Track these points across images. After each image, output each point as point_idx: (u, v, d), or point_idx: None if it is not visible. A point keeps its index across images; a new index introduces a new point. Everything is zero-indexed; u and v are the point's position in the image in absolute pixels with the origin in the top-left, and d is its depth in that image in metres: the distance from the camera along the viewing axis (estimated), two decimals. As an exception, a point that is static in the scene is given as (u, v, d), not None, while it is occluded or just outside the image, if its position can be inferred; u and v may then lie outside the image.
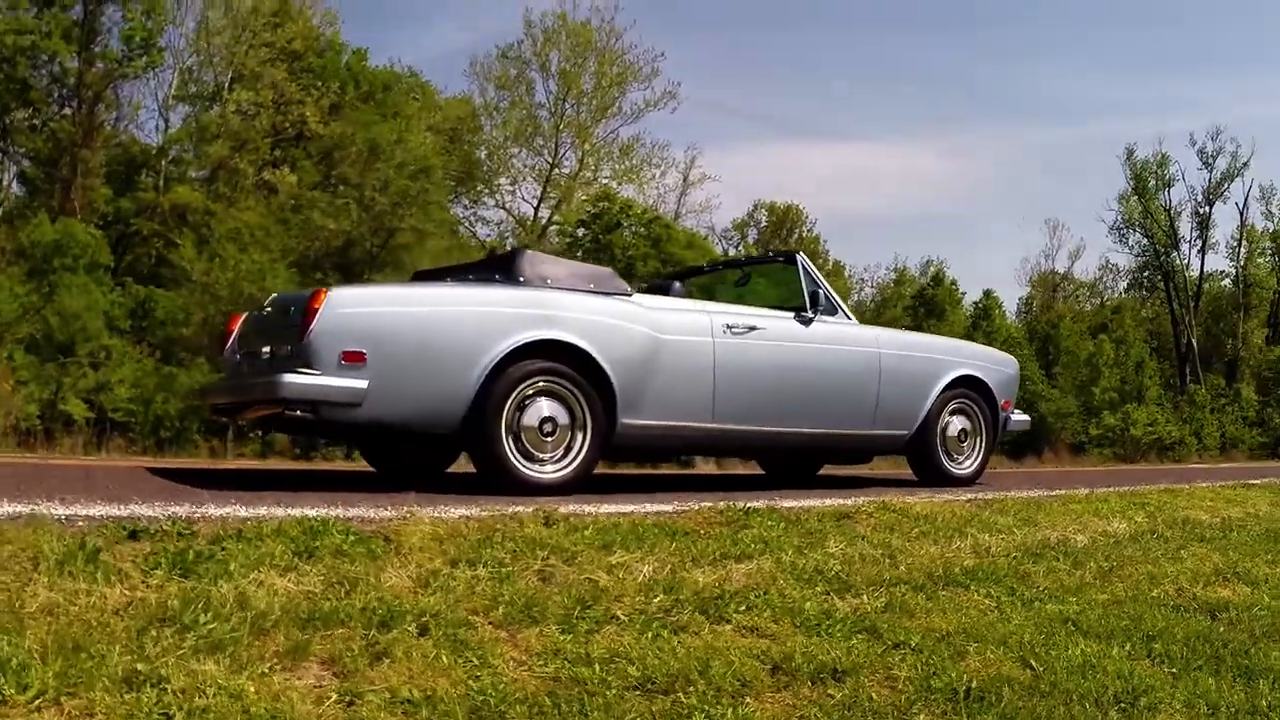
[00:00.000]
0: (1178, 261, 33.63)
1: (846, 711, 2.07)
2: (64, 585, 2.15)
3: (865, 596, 2.87)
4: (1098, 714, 2.21)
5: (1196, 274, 33.69)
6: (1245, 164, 32.84)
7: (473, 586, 2.49)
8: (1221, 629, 2.86)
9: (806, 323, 5.17)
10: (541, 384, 4.21)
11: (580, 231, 21.81)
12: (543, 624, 2.32)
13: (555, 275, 4.59)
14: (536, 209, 25.80)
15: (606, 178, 25.78)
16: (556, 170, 25.76)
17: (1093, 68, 49.91)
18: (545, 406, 4.20)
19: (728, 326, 4.83)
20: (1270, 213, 33.69)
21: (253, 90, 21.13)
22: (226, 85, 21.40)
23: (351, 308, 3.97)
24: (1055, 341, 27.50)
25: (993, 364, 6.02)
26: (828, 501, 4.13)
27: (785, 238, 36.29)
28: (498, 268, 4.66)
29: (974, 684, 2.25)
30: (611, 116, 26.07)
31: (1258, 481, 6.69)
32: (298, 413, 3.80)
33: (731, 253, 30.24)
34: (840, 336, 5.33)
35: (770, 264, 6.30)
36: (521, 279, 4.44)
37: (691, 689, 2.06)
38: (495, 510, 3.21)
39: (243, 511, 2.98)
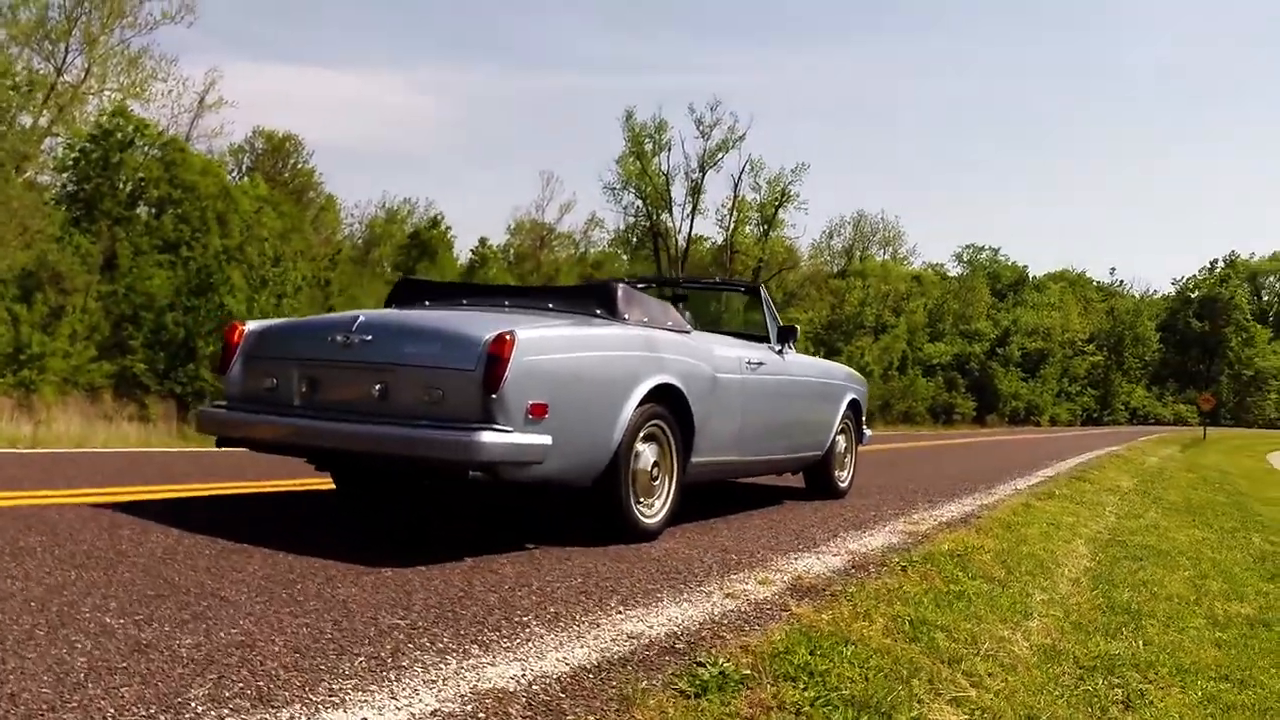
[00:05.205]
0: (669, 224, 36.22)
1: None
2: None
3: (1112, 642, 3.85)
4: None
5: (685, 237, 36.54)
6: (741, 137, 35.75)
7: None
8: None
9: (780, 354, 5.46)
10: (649, 428, 4.09)
11: (88, 146, 20.06)
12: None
13: (649, 314, 4.39)
14: (36, 118, 23.02)
15: (113, 89, 24.23)
16: (62, 79, 23.46)
17: (600, 21, 52.28)
18: (648, 451, 4.11)
19: (748, 362, 4.97)
20: (758, 184, 37.02)
21: None
22: None
23: (535, 354, 3.52)
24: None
25: (862, 386, 6.75)
26: (915, 532, 5.00)
27: (281, 167, 35.59)
28: (594, 301, 4.31)
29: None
30: (127, 26, 24.53)
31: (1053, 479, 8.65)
32: (479, 475, 3.34)
33: (229, 177, 29.13)
34: (797, 367, 5.68)
35: (732, 290, 6.84)
36: (626, 317, 4.22)
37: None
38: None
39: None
